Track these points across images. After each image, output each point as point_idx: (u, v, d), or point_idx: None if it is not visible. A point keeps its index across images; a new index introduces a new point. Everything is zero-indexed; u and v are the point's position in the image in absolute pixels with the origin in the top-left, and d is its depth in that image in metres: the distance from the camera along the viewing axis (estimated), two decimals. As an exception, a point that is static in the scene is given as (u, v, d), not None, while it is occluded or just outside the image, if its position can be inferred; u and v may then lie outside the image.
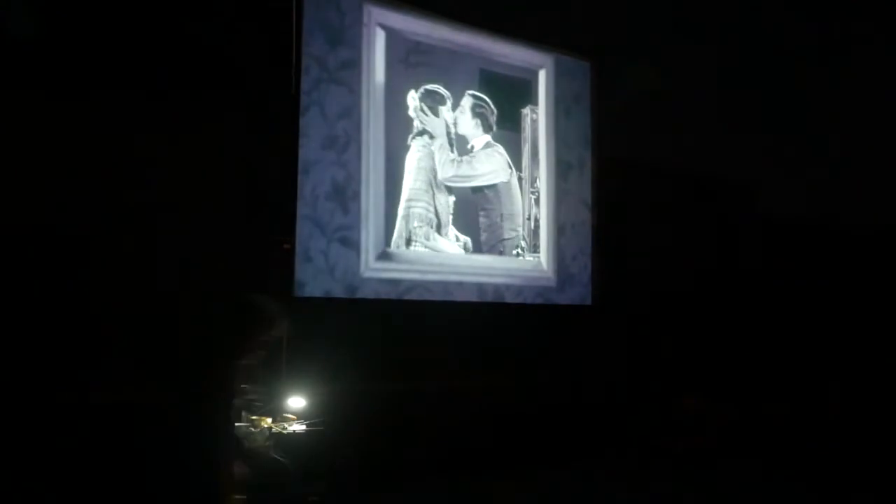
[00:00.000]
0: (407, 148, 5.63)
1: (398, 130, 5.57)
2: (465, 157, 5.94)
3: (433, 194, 5.71)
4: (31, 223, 4.35)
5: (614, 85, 6.92)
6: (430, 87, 5.77)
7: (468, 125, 6.00)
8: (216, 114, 4.89)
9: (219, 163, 4.91)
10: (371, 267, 5.35)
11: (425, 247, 5.66)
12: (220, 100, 4.92)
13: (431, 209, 5.70)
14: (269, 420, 4.14)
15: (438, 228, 5.74)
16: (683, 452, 6.23)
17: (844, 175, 7.97)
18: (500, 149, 6.17)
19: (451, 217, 5.80)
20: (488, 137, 6.10)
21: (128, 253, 4.58)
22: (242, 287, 4.51)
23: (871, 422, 6.47)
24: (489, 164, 6.08)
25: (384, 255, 5.42)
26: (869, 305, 7.55)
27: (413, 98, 5.67)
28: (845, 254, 7.86)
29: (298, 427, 4.19)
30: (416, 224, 5.62)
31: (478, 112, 6.06)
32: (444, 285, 5.71)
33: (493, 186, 6.09)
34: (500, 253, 6.08)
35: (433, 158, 5.74)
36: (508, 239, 6.15)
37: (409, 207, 5.60)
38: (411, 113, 5.65)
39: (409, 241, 5.58)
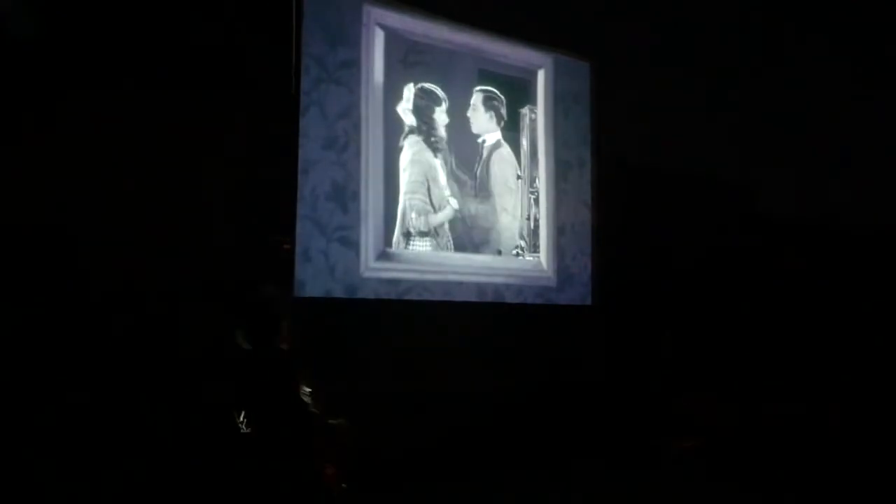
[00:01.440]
0: (415, 143, 5.67)
1: (397, 130, 5.58)
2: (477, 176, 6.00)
3: (429, 186, 5.72)
4: (29, 223, 4.35)
5: (614, 85, 6.92)
6: (426, 85, 5.77)
7: (482, 120, 6.02)
8: (216, 114, 4.89)
9: (219, 162, 4.91)
10: (371, 267, 5.36)
11: (421, 233, 5.65)
12: (220, 100, 4.92)
13: (428, 201, 5.71)
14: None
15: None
16: (683, 452, 6.22)
17: (844, 175, 7.97)
18: (508, 150, 6.19)
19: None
20: (499, 134, 6.12)
21: (127, 253, 4.58)
22: (242, 287, 4.51)
23: (871, 421, 6.46)
24: (499, 175, 6.12)
25: (384, 255, 5.43)
26: (869, 305, 7.55)
27: (409, 94, 5.68)
28: (845, 254, 7.86)
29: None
30: (414, 215, 5.63)
31: (491, 105, 6.08)
32: (444, 285, 5.72)
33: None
34: (500, 253, 6.08)
35: (428, 152, 5.74)
36: (508, 238, 6.15)
37: (406, 200, 5.61)
38: (402, 106, 5.64)
39: (408, 234, 5.58)
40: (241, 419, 3.16)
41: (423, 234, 5.68)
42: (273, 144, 5.03)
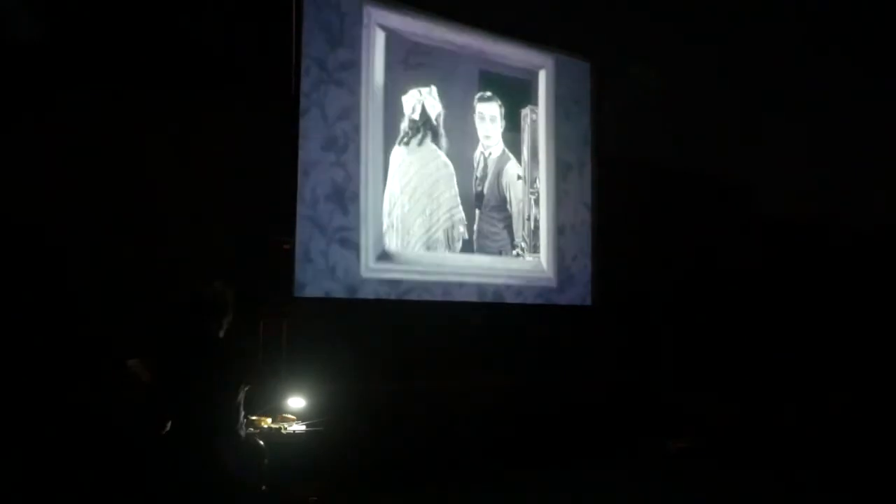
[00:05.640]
0: (431, 153, 5.69)
1: (397, 131, 5.57)
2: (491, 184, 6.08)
3: (459, 196, 5.84)
4: (29, 223, 4.35)
5: (614, 85, 6.93)
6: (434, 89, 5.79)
7: (489, 129, 6.04)
8: (216, 114, 4.90)
9: (219, 163, 4.92)
10: (371, 267, 5.36)
11: (452, 249, 5.77)
12: (220, 100, 4.92)
13: (463, 211, 5.82)
14: (269, 420, 4.16)
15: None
16: (683, 452, 6.23)
17: (844, 175, 7.98)
18: (515, 162, 6.23)
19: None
20: (503, 145, 6.13)
21: (127, 253, 4.59)
22: (242, 287, 4.52)
23: (872, 421, 6.46)
24: (511, 189, 6.20)
25: (384, 256, 5.43)
26: (869, 305, 7.55)
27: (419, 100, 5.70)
28: (845, 254, 7.86)
29: (298, 427, 4.20)
30: (461, 229, 5.75)
31: (498, 114, 6.10)
32: (444, 286, 5.72)
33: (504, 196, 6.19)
34: (500, 253, 6.09)
35: (449, 165, 5.80)
36: (510, 239, 6.17)
37: (452, 216, 5.71)
38: (412, 112, 5.66)
39: (449, 247, 5.72)
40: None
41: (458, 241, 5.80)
42: (273, 145, 5.03)
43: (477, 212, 5.96)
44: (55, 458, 3.99)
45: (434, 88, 5.76)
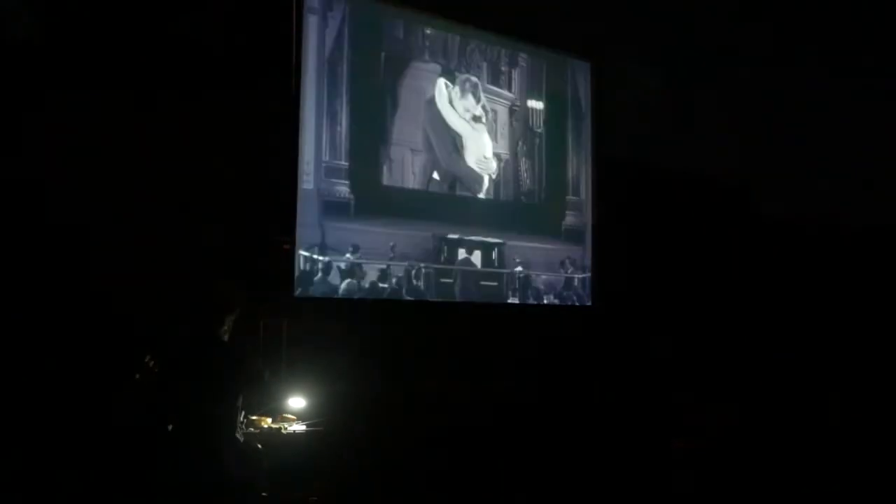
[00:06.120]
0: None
1: (398, 130, 5.56)
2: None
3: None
4: (28, 223, 4.35)
5: (614, 85, 6.93)
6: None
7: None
8: (216, 114, 4.89)
9: (218, 163, 4.91)
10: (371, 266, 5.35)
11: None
12: (220, 100, 4.91)
13: None
14: (269, 420, 4.16)
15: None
16: (683, 452, 6.22)
17: (844, 175, 7.97)
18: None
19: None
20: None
21: (127, 254, 4.58)
22: (242, 287, 4.51)
23: (871, 422, 6.46)
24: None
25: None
26: (868, 306, 7.55)
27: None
28: (844, 254, 7.86)
29: (298, 427, 4.19)
30: None
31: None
32: (444, 285, 5.72)
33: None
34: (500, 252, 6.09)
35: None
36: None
37: None
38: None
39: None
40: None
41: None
42: (273, 144, 5.02)
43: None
44: (56, 458, 3.98)
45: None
